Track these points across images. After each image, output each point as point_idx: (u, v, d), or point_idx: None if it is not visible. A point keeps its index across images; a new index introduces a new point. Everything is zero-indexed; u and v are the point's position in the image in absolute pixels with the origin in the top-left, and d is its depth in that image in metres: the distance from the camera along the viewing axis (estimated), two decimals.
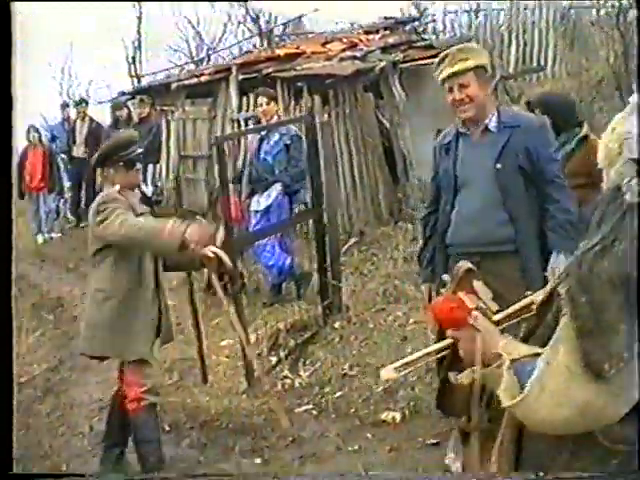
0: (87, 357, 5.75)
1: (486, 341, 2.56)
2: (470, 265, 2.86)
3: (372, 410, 6.20)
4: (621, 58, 13.70)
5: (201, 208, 12.58)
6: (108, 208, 5.18)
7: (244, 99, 12.68)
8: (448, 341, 2.87)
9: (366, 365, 6.87)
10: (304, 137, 8.05)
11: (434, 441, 5.65)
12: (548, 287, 2.61)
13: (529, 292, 2.87)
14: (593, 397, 2.15)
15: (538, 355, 2.33)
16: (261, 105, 8.93)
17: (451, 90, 4.91)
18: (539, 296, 2.66)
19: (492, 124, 4.90)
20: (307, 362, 7.14)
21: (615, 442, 2.24)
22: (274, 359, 7.09)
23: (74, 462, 6.00)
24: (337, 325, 7.71)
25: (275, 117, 9.05)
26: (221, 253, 5.58)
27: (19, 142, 15.38)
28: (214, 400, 6.56)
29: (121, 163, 5.40)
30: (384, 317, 7.90)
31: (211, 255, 5.61)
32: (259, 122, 9.58)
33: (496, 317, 2.73)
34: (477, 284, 2.81)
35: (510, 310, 2.78)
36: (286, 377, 6.75)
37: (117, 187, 5.37)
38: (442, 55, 5.00)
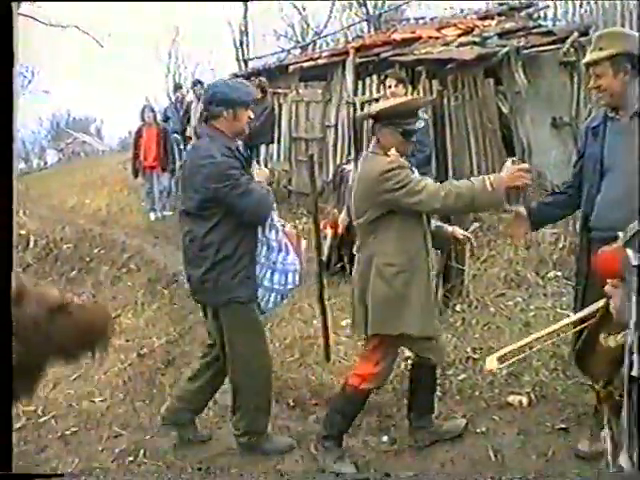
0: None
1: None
2: None
3: (497, 393, 6.17)
4: None
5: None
6: (401, 174, 4.95)
7: (359, 83, 12.72)
8: (602, 302, 2.94)
9: (489, 349, 6.82)
10: (432, 121, 8.00)
11: (563, 426, 5.62)
12: None
13: None
14: None
15: None
16: (389, 87, 8.88)
17: (590, 77, 4.93)
18: None
19: None
20: None
21: None
22: None
23: (201, 433, 6.08)
24: (459, 308, 7.72)
25: None
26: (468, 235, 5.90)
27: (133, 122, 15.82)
28: (337, 377, 6.57)
29: (400, 129, 5.12)
30: (505, 302, 7.89)
31: (461, 237, 5.77)
32: None
33: None
34: None
35: None
36: (409, 358, 6.74)
37: (395, 152, 5.08)
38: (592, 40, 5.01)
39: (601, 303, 3.02)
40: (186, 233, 5.47)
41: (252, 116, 5.51)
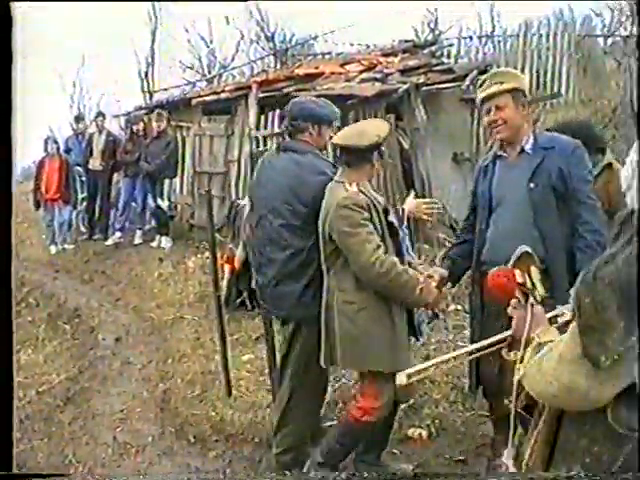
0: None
1: (531, 323, 2.92)
2: (528, 249, 3.12)
3: (397, 427, 6.17)
4: (637, 85, 13.87)
5: (215, 224, 12.54)
6: (354, 217, 4.93)
7: (262, 117, 12.79)
8: (506, 333, 3.14)
9: None
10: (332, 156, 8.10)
11: (462, 458, 5.71)
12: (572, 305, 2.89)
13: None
14: (580, 381, 2.48)
15: None
16: None
17: (488, 112, 5.04)
18: (565, 312, 3.01)
19: (528, 145, 4.99)
20: (330, 379, 7.17)
21: (629, 429, 2.52)
22: None
23: (98, 472, 6.02)
24: None
25: None
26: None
27: (35, 153, 15.61)
28: (238, 413, 6.57)
29: (381, 152, 5.18)
30: None
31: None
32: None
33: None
34: (534, 269, 3.06)
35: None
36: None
37: (355, 188, 5.02)
38: (482, 78, 5.18)
39: (507, 333, 3.16)
40: (285, 247, 5.38)
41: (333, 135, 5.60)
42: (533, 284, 3.08)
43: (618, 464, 2.56)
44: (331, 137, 5.51)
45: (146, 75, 22.15)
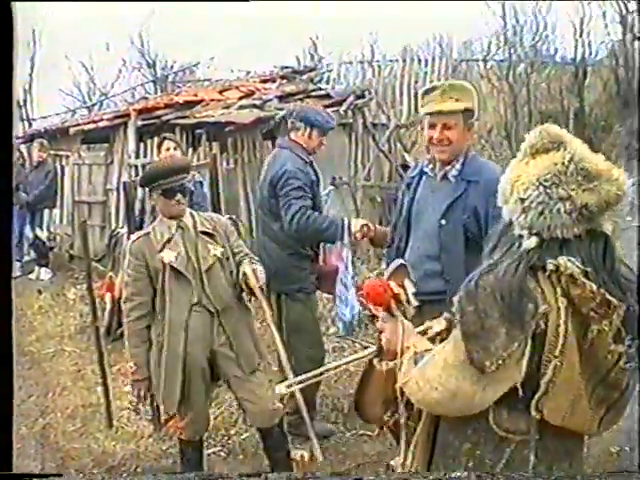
0: None
1: (404, 334, 2.99)
2: (403, 261, 3.21)
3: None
4: (511, 108, 14.33)
5: (96, 254, 12.41)
6: (129, 265, 5.24)
7: (141, 145, 12.73)
8: (370, 350, 3.22)
9: None
10: (206, 183, 8.15)
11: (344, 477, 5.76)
12: (444, 317, 3.06)
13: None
14: (466, 386, 2.59)
15: None
16: (168, 150, 8.90)
17: (432, 127, 4.69)
18: (435, 325, 3.18)
19: (452, 173, 4.72)
20: (212, 405, 7.16)
21: (508, 432, 2.67)
22: None
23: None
24: None
25: None
26: None
27: None
28: (120, 444, 6.52)
29: (159, 191, 5.14)
30: None
31: None
32: None
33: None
34: (407, 281, 3.13)
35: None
36: None
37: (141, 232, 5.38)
38: (431, 86, 4.87)
39: (373, 349, 3.25)
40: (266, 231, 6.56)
41: (325, 142, 6.38)
42: (407, 296, 3.16)
43: (501, 465, 2.71)
44: (322, 143, 6.39)
45: (24, 103, 21.72)
